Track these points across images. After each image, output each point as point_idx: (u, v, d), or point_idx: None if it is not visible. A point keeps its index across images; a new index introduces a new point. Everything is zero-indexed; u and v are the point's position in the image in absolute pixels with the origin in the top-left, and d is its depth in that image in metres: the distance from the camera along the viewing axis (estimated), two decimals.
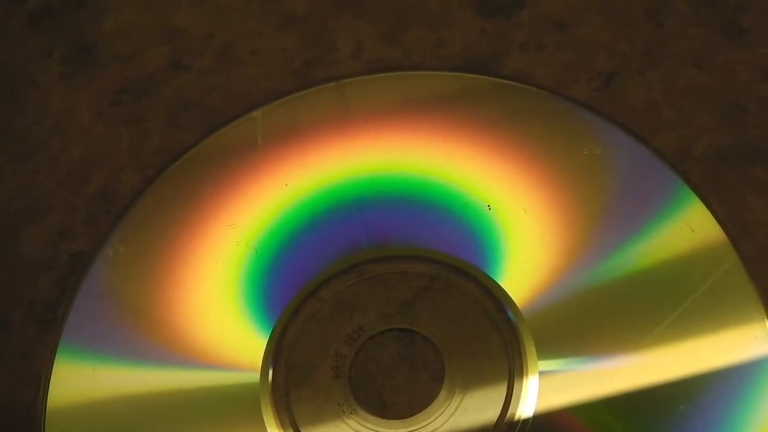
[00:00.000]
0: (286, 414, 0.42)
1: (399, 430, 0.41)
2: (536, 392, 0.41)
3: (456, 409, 0.41)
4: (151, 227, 0.46)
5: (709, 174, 0.46)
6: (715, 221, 0.43)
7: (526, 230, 0.44)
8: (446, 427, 0.41)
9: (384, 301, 0.43)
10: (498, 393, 0.41)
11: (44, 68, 0.51)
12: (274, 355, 0.43)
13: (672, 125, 0.47)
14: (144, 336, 0.43)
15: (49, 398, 0.42)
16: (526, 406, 0.41)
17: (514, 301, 0.43)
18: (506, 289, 0.43)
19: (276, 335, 0.43)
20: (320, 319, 0.43)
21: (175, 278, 0.44)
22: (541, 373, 0.41)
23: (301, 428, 0.41)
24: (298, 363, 0.43)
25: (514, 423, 0.40)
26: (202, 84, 0.50)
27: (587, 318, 0.42)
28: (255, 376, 0.42)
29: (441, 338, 0.43)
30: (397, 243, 0.44)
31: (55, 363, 0.43)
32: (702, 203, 0.44)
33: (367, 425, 0.41)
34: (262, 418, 0.41)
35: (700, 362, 0.41)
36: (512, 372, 0.41)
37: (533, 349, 0.42)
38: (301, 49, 0.50)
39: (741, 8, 0.49)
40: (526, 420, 0.40)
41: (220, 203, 0.46)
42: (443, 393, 0.42)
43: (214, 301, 0.44)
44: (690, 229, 0.43)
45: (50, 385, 0.42)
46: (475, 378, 0.42)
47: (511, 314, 0.42)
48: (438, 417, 0.41)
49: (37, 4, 0.53)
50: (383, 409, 0.42)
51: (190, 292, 0.44)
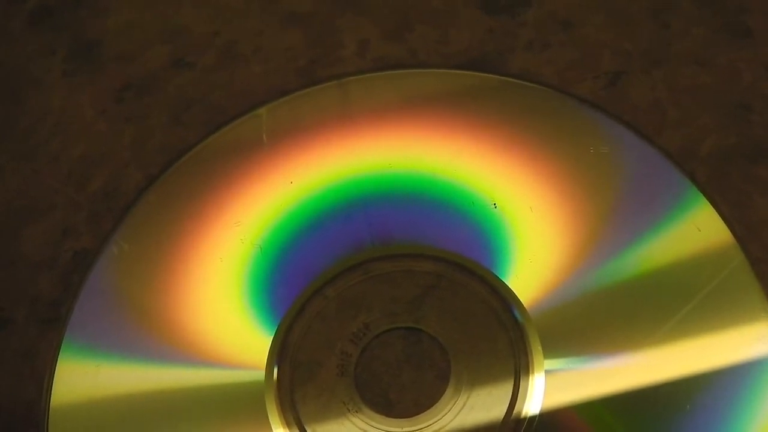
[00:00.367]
0: (291, 412, 0.41)
1: (404, 429, 0.41)
2: (542, 390, 0.41)
3: (462, 408, 0.41)
4: (155, 225, 0.46)
5: (714, 173, 0.46)
6: (722, 221, 0.43)
7: (532, 229, 0.44)
8: (452, 425, 0.41)
9: (390, 300, 0.43)
10: (504, 391, 0.41)
11: (46, 67, 0.51)
12: (279, 353, 0.43)
13: (676, 124, 0.47)
14: (148, 334, 0.43)
15: (52, 396, 0.42)
16: (532, 404, 0.41)
17: (521, 300, 0.42)
18: (513, 288, 0.43)
19: (281, 333, 0.43)
20: (325, 317, 0.43)
21: (180, 276, 0.44)
22: (548, 372, 0.41)
23: (306, 426, 0.41)
24: (303, 361, 0.42)
25: (520, 420, 0.40)
26: (205, 82, 0.50)
27: (593, 317, 0.42)
28: (260, 375, 0.42)
29: (447, 337, 0.42)
30: (403, 241, 0.44)
31: (58, 361, 0.43)
32: (708, 203, 0.44)
33: (373, 423, 0.41)
34: (267, 417, 0.41)
35: (706, 362, 0.41)
36: (518, 370, 0.41)
37: (539, 348, 0.41)
38: (305, 47, 0.50)
39: (744, 8, 0.49)
40: (533, 418, 0.40)
41: (224, 201, 0.46)
42: (449, 391, 0.41)
43: (219, 299, 0.44)
44: (697, 228, 0.43)
45: (54, 383, 0.42)
46: (481, 376, 0.41)
47: (517, 313, 0.42)
48: (444, 415, 0.41)
49: (36, 4, 0.53)
50: (389, 407, 0.42)
51: (194, 289, 0.44)
